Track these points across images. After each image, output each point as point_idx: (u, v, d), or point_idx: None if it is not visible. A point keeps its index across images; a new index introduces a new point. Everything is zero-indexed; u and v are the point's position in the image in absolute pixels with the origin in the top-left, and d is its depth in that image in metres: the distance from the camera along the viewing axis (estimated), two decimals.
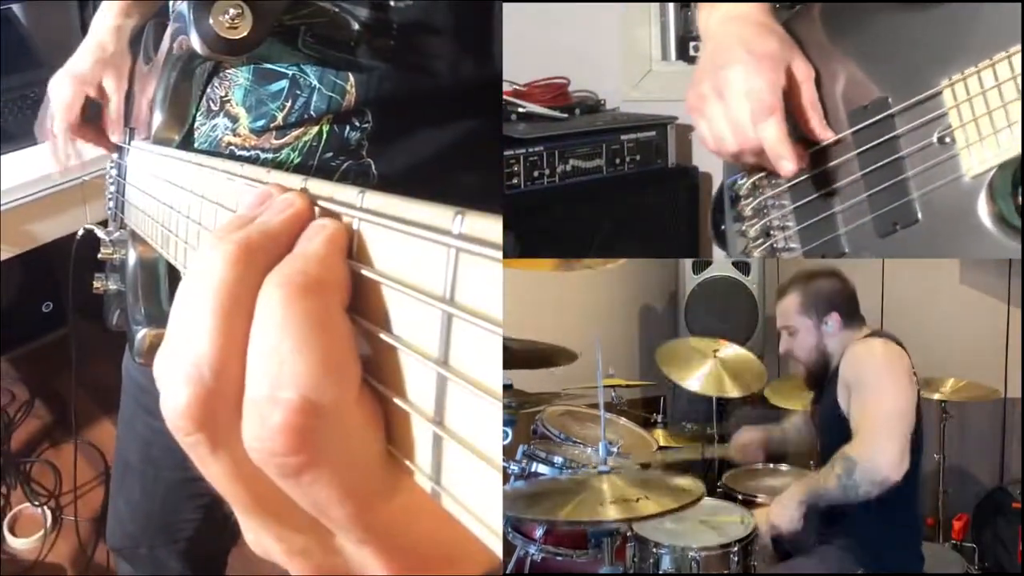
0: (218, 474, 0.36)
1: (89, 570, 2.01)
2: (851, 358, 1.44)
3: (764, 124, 0.81)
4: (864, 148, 0.85)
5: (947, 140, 0.80)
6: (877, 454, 1.30)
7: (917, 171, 0.82)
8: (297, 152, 0.80)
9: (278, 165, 0.81)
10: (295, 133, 0.80)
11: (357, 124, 0.79)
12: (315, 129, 0.79)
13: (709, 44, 0.87)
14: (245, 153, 0.82)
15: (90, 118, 1.09)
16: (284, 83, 0.79)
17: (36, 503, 2.15)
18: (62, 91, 1.06)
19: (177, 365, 0.35)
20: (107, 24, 1.08)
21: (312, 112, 0.79)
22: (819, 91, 0.86)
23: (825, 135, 0.86)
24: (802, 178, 0.89)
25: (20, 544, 2.10)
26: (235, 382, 0.34)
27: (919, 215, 0.83)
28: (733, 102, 0.82)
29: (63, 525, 2.13)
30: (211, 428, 0.35)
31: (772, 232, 0.94)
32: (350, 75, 0.78)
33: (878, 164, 0.84)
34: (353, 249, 0.36)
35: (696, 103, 0.86)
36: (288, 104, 0.79)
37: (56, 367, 2.03)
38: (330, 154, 0.80)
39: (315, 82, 0.78)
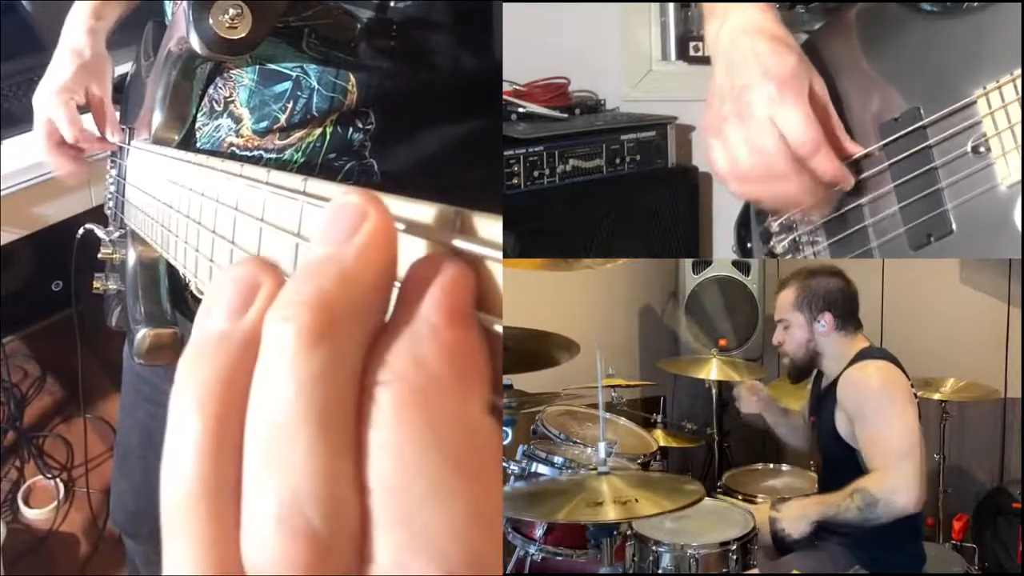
0: None
1: (100, 540, 2.08)
2: (849, 386, 1.44)
3: (817, 158, 0.80)
4: (896, 160, 0.83)
5: (981, 149, 0.79)
6: (898, 491, 1.33)
7: (951, 181, 0.81)
8: (301, 153, 0.80)
9: (281, 166, 0.81)
10: (299, 134, 0.80)
11: (360, 126, 0.79)
12: (318, 130, 0.80)
13: (722, 60, 0.83)
14: (248, 154, 0.82)
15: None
16: (288, 84, 0.79)
17: (49, 475, 2.24)
18: (55, 110, 1.04)
19: (269, 511, 0.23)
20: (80, 28, 1.06)
21: (315, 112, 0.79)
22: (849, 102, 0.84)
23: (853, 150, 0.84)
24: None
25: (34, 514, 2.19)
26: (355, 530, 0.23)
27: (953, 226, 0.81)
28: (755, 126, 0.80)
29: (75, 496, 2.22)
30: None
31: (801, 247, 0.91)
32: (351, 75, 0.78)
33: (911, 175, 0.83)
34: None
35: (714, 123, 0.83)
36: (290, 105, 0.79)
37: (67, 344, 2.08)
38: (333, 155, 0.80)
39: (314, 83, 0.78)
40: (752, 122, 0.80)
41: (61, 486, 2.22)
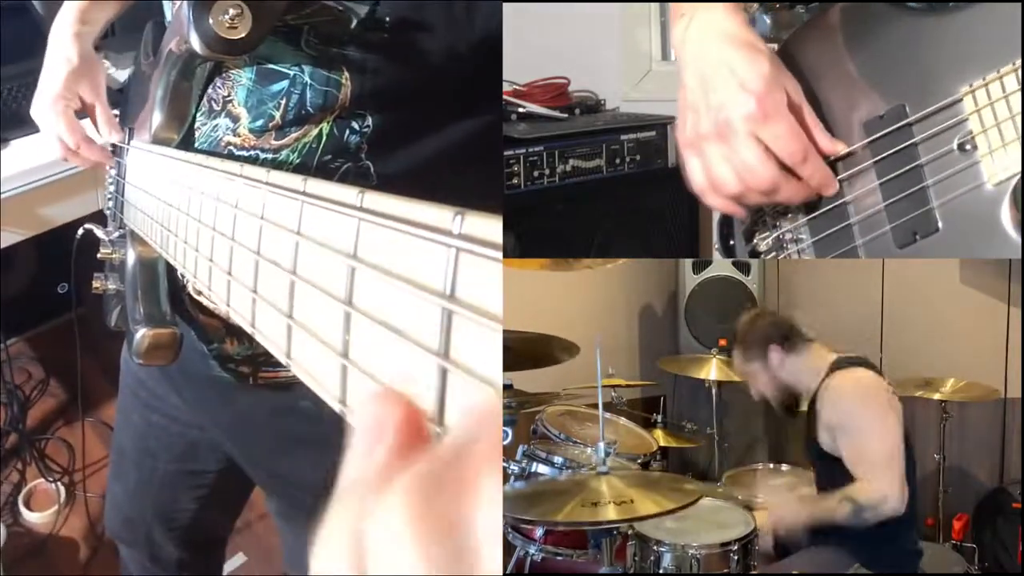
0: None
1: (100, 544, 2.08)
2: (826, 399, 1.47)
3: (805, 166, 0.81)
4: (881, 157, 0.83)
5: (967, 147, 0.78)
6: (881, 497, 1.38)
7: (937, 179, 0.80)
8: (296, 154, 0.80)
9: (277, 167, 0.81)
10: (294, 135, 0.80)
11: (356, 128, 0.79)
12: (315, 132, 0.79)
13: (692, 69, 0.82)
14: (244, 153, 0.82)
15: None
16: (285, 83, 0.79)
17: (50, 479, 2.23)
18: (54, 120, 1.03)
19: None
20: (67, 34, 1.05)
21: (309, 108, 0.78)
22: (833, 100, 0.84)
23: (834, 149, 0.84)
24: None
25: (35, 518, 2.18)
26: None
27: (940, 224, 0.80)
28: (737, 145, 0.79)
29: (76, 500, 2.21)
30: None
31: (785, 245, 0.91)
32: (345, 69, 0.77)
33: (896, 173, 0.82)
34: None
35: (693, 141, 0.83)
36: (283, 102, 0.79)
37: (71, 347, 2.11)
38: (328, 156, 0.80)
39: (307, 78, 0.78)
40: (734, 142, 0.79)
41: (62, 490, 2.21)
